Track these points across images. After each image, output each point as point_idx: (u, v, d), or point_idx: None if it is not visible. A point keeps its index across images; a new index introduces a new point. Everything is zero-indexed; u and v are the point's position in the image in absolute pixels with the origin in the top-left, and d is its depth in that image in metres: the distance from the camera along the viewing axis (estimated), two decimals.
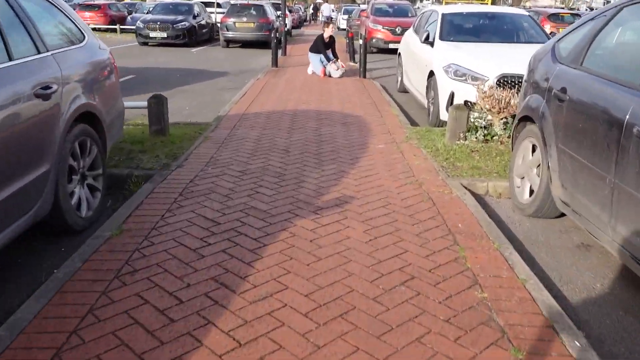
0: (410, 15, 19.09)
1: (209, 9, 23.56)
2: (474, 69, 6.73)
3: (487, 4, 54.79)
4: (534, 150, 4.11)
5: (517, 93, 5.94)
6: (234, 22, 18.47)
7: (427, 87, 7.60)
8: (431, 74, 7.41)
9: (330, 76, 11.62)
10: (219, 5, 24.40)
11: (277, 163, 4.92)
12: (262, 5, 19.21)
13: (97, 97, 3.72)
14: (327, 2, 47.01)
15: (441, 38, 7.83)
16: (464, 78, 6.72)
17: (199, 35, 20.06)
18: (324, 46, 11.75)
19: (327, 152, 5.36)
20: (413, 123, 7.33)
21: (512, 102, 5.53)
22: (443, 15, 8.23)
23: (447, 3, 57.89)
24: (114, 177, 4.43)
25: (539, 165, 3.97)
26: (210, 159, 5.00)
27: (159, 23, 18.55)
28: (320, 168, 4.79)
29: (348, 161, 5.06)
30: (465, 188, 4.40)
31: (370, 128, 6.55)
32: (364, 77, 11.56)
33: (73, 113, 3.30)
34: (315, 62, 11.87)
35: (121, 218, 3.47)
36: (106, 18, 25.41)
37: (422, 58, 8.10)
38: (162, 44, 18.82)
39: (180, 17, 19.11)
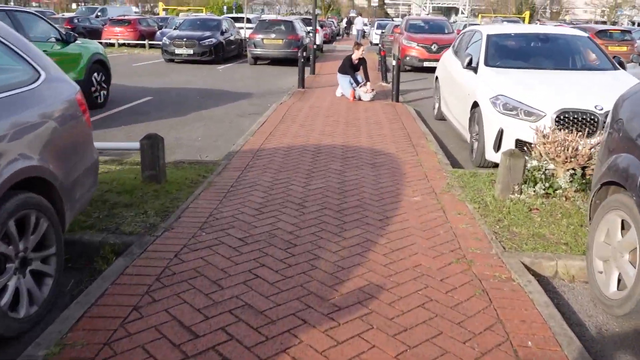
0: (446, 31, 18.07)
1: (238, 25, 23.02)
2: (527, 102, 5.71)
3: (524, 18, 53.64)
4: (624, 227, 3.09)
5: (584, 135, 4.90)
6: (262, 39, 17.78)
7: (470, 120, 6.60)
8: (475, 105, 6.42)
9: (360, 99, 10.71)
10: (248, 21, 23.83)
11: (289, 226, 4.00)
12: (291, 21, 18.48)
13: (50, 155, 2.89)
14: (360, 15, 46.23)
15: (486, 63, 6.83)
16: (515, 112, 5.71)
17: (227, 52, 19.45)
18: (352, 68, 10.85)
19: (351, 207, 4.42)
20: (454, 162, 6.33)
21: (580, 149, 4.50)
22: (488, 36, 7.23)
23: (483, 17, 56.55)
24: (84, 245, 3.59)
25: (633, 249, 2.95)
26: (207, 217, 4.11)
27: (185, 39, 18.00)
28: (341, 235, 3.84)
29: (376, 222, 4.11)
30: (528, 269, 3.39)
31: (403, 170, 5.58)
32: (397, 101, 10.60)
33: (5, 182, 2.45)
34: (344, 84, 10.97)
35: (67, 324, 2.59)
36: (136, 33, 25.15)
37: (463, 85, 7.11)
38: (189, 60, 18.26)
39: (207, 33, 18.53)
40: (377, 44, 32.07)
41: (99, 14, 36.10)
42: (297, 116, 8.60)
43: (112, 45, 24.48)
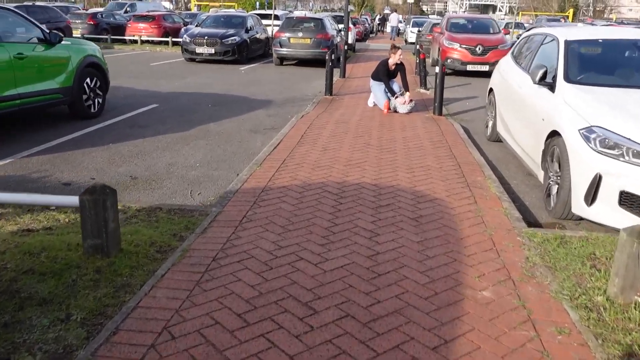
0: (492, 31, 16.27)
1: (265, 22, 21.61)
2: (638, 137, 4.07)
3: (567, 16, 50.79)
4: None
5: None
6: (289, 38, 16.30)
7: (545, 153, 4.98)
8: (553, 134, 4.79)
9: (395, 111, 9.12)
10: (276, 18, 22.40)
11: (283, 357, 2.49)
12: (320, 19, 16.95)
13: None
14: (395, 11, 44.48)
15: (567, 79, 5.17)
16: (618, 152, 4.07)
17: (251, 51, 18.05)
18: (387, 75, 9.26)
19: (386, 314, 2.86)
20: (524, 211, 4.72)
21: None
22: (567, 43, 5.55)
23: (523, 14, 53.90)
24: None
25: None
26: (161, 331, 2.63)
27: (206, 38, 16.66)
28: None
29: (426, 343, 2.57)
30: None
31: (460, 232, 4.00)
32: (439, 113, 8.97)
33: None
34: (377, 93, 9.40)
35: None
36: (160, 30, 23.99)
37: (534, 106, 5.48)
38: (210, 60, 16.94)
39: (231, 31, 17.16)
40: (412, 43, 30.28)
41: (128, 9, 35.25)
42: (319, 135, 7.08)
43: (135, 42, 23.41)
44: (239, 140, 7.19)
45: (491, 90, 7.61)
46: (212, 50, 16.59)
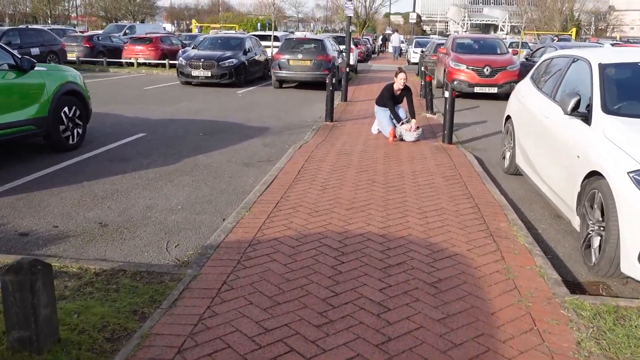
0: (500, 51, 15.64)
1: (264, 43, 21.09)
2: None
3: (570, 35, 50.41)
4: None
5: None
6: (288, 60, 15.69)
7: (581, 197, 4.24)
8: (592, 174, 4.06)
9: (401, 139, 8.41)
10: (276, 39, 21.88)
11: None
12: (321, 40, 16.37)
13: None
14: (397, 32, 44.16)
15: (606, 109, 4.45)
16: None
17: (250, 74, 17.45)
18: (392, 100, 8.58)
19: None
20: (560, 267, 3.96)
21: None
22: (602, 67, 4.84)
23: (525, 34, 53.59)
24: None
25: None
26: None
27: (202, 60, 16.08)
28: None
29: None
30: None
31: (490, 306, 3.23)
32: (449, 142, 8.26)
33: None
34: (382, 120, 8.70)
35: None
36: (157, 52, 23.46)
37: (564, 139, 4.75)
38: (206, 83, 16.33)
39: (228, 53, 16.58)
40: (415, 63, 29.77)
41: (127, 31, 34.96)
42: (318, 170, 6.36)
43: (131, 64, 22.89)
44: (230, 175, 6.46)
45: (508, 118, 6.89)
46: (209, 73, 15.99)
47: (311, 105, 12.74)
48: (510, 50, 16.30)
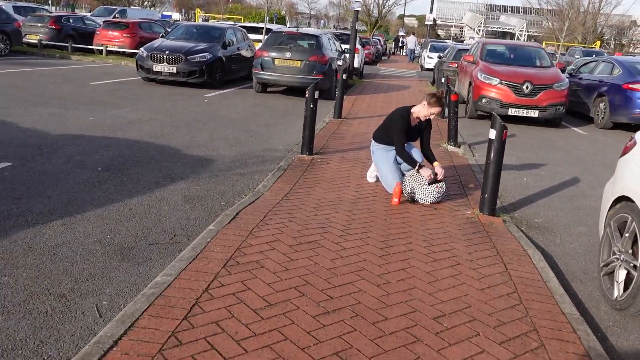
0: (542, 63, 12.33)
1: (254, 37, 17.84)
2: None
3: (594, 47, 46.96)
4: None
5: None
6: (273, 59, 12.43)
7: None
8: None
9: (413, 201, 5.19)
10: (269, 32, 18.59)
11: None
12: (316, 36, 13.07)
13: None
14: (414, 34, 41.04)
15: None
16: None
17: (228, 72, 14.21)
18: (404, 133, 5.32)
19: None
20: None
21: None
22: None
23: (546, 44, 49.88)
24: None
25: None
26: None
27: (167, 52, 12.82)
28: None
29: None
30: None
31: None
32: (491, 213, 4.98)
33: None
34: (383, 166, 5.46)
35: None
36: (133, 40, 20.24)
37: None
38: (172, 82, 13.09)
39: (201, 46, 13.34)
40: (429, 69, 26.48)
41: (117, 15, 31.79)
42: (250, 282, 3.12)
43: (100, 52, 19.66)
44: (70, 286, 3.21)
45: (620, 202, 3.61)
46: (174, 69, 12.74)
47: (293, 122, 9.49)
48: (555, 63, 12.99)
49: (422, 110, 5.32)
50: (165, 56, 12.77)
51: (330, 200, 5.09)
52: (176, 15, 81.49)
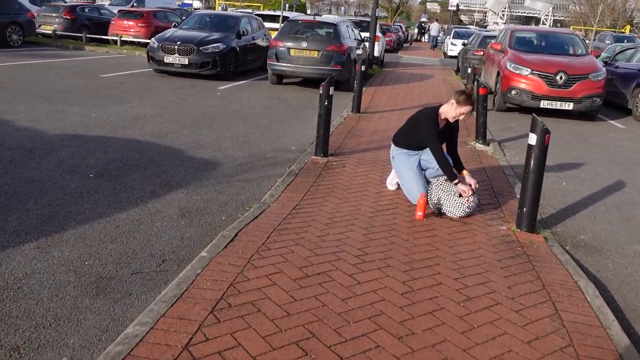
0: (577, 51, 11.48)
1: (270, 25, 17.20)
2: None
3: (625, 32, 45.26)
4: None
5: None
6: (288, 49, 11.79)
7: None
8: None
9: (440, 214, 4.57)
10: (286, 20, 17.93)
11: None
12: (335, 25, 12.38)
13: None
14: (437, 21, 40.05)
15: None
16: None
17: (243, 63, 13.63)
18: (438, 138, 4.68)
19: None
20: None
21: None
22: None
23: (574, 29, 48.49)
24: None
25: None
26: None
27: (179, 43, 12.28)
28: None
29: None
30: None
31: None
32: (531, 229, 4.33)
33: None
34: (405, 174, 4.84)
35: None
36: (148, 29, 19.76)
37: None
38: (184, 73, 12.56)
39: (214, 36, 12.77)
40: (453, 57, 25.56)
41: (135, 4, 31.44)
42: (248, 339, 2.56)
43: (115, 43, 19.23)
44: (10, 348, 2.68)
45: None
46: (186, 61, 12.19)
47: (309, 117, 8.88)
48: (590, 51, 12.11)
49: (450, 111, 4.67)
50: (176, 47, 12.23)
51: (345, 213, 4.49)
52: (197, 4, 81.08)
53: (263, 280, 3.15)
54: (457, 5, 78.76)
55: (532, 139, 4.26)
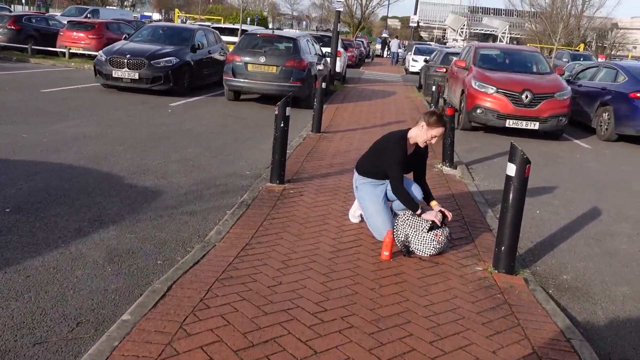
0: (541, 69, 11.30)
1: (228, 39, 16.59)
2: None
3: (579, 50, 46.49)
4: None
5: None
6: (246, 64, 11.21)
7: None
8: None
9: (408, 252, 4.04)
10: (244, 33, 17.36)
11: None
12: (294, 39, 11.86)
13: None
14: (397, 37, 40.34)
15: None
16: None
17: (198, 78, 12.97)
18: (402, 168, 4.17)
19: None
20: None
21: None
22: None
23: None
24: None
25: None
26: None
27: (128, 56, 11.53)
28: None
29: None
30: None
31: None
32: (509, 270, 3.85)
33: None
34: (370, 206, 4.31)
35: None
36: (100, 41, 18.81)
37: None
38: (134, 89, 11.80)
39: (167, 49, 12.09)
40: (415, 73, 25.49)
41: (89, 15, 30.34)
42: None
43: (64, 55, 18.24)
44: None
45: None
46: (136, 75, 11.46)
47: (267, 137, 8.29)
48: (554, 68, 11.96)
49: (420, 135, 4.17)
50: (126, 60, 11.48)
51: (302, 254, 3.91)
52: (156, 16, 79.59)
53: (196, 354, 2.53)
54: (418, 22, 79.97)
55: (511, 169, 3.79)
